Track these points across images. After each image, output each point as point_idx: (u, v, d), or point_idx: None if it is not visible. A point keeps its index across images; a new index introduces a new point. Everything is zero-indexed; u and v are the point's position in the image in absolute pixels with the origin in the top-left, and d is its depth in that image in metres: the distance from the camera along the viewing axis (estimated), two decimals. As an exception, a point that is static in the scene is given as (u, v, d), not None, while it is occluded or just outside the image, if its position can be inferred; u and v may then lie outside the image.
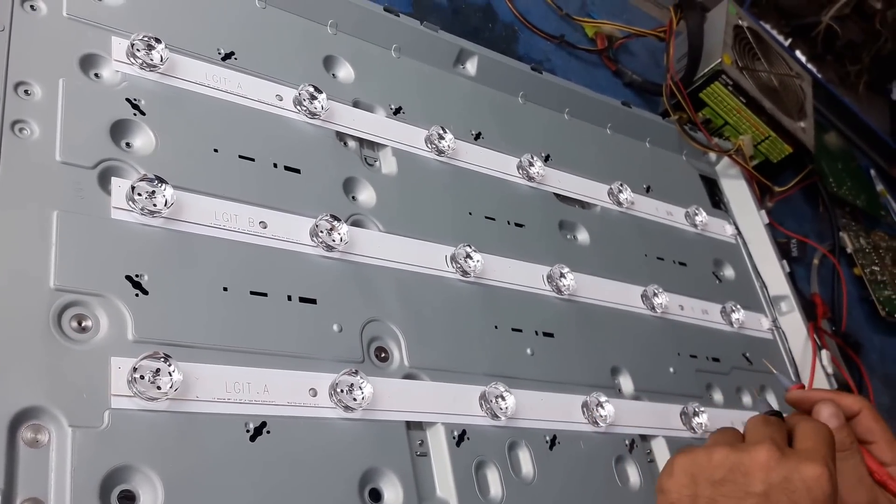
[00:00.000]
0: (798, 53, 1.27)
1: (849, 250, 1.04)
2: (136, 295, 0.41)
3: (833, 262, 0.99)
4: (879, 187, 1.23)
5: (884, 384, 0.99)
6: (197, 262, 0.44)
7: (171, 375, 0.39)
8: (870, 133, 1.25)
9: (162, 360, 0.39)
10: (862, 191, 1.14)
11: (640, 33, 0.91)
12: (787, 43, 1.26)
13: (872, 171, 1.25)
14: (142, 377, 0.39)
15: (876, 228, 1.14)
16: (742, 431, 0.44)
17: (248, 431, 0.41)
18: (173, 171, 0.46)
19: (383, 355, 0.49)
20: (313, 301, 0.48)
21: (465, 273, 0.57)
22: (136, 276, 0.42)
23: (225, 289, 0.44)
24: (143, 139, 0.46)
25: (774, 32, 1.25)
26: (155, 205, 0.43)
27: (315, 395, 0.45)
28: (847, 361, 0.92)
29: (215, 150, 0.49)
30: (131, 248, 0.42)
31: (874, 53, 1.35)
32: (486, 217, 0.62)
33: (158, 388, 0.39)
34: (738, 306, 0.76)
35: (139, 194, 0.43)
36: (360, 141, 0.58)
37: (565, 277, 0.63)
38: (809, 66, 1.26)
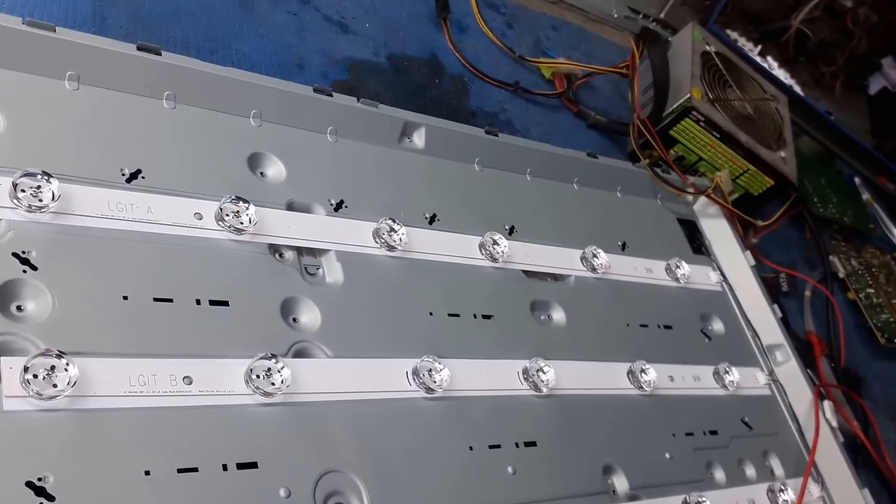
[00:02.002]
0: (769, 59, 1.24)
1: (841, 275, 1.01)
2: (40, 504, 0.36)
3: (826, 293, 0.95)
4: (866, 196, 1.20)
5: (890, 418, 0.95)
6: (112, 446, 0.39)
7: None
8: (852, 143, 1.22)
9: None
10: (848, 205, 1.11)
11: (601, 71, 0.86)
12: (756, 50, 1.23)
13: (857, 180, 1.22)
14: None
15: (867, 245, 1.11)
16: None
17: None
18: (76, 335, 0.40)
19: (342, 514, 0.44)
20: (254, 465, 0.42)
21: (430, 390, 0.52)
22: (39, 479, 0.36)
23: (147, 472, 0.39)
24: (37, 300, 0.41)
25: (743, 40, 1.22)
26: (55, 385, 0.38)
27: (263, 585, 0.40)
28: (851, 400, 0.89)
29: (125, 298, 0.43)
30: (30, 444, 0.37)
31: (848, 53, 1.33)
32: (450, 314, 0.57)
33: None
34: (732, 367, 0.72)
35: (34, 375, 0.38)
36: (299, 249, 0.53)
37: (544, 372, 0.58)
38: (781, 70, 1.23)
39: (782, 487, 0.68)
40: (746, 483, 0.67)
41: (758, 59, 1.18)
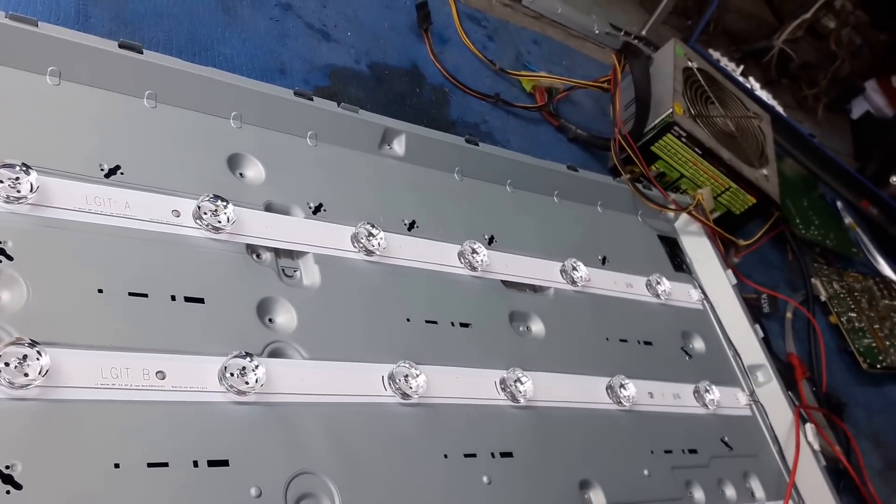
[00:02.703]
0: (751, 80, 1.26)
1: (822, 298, 1.03)
2: (8, 492, 0.36)
3: (808, 315, 0.97)
4: (848, 220, 1.23)
5: (873, 444, 0.97)
6: (82, 438, 0.39)
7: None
8: (834, 164, 1.24)
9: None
10: (831, 228, 1.13)
11: (582, 85, 0.88)
12: (738, 70, 1.26)
13: (839, 203, 1.25)
14: None
15: (849, 269, 1.13)
16: None
17: None
18: (50, 326, 0.41)
19: (314, 516, 0.45)
20: (224, 463, 0.43)
21: (406, 395, 0.53)
22: (7, 467, 0.37)
23: (116, 465, 0.40)
24: (11, 290, 0.41)
25: (725, 60, 1.24)
26: (27, 374, 0.38)
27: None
28: (833, 425, 0.90)
29: (99, 291, 0.44)
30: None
31: (831, 75, 1.36)
32: (427, 321, 0.58)
33: None
34: (712, 386, 0.73)
35: (6, 364, 0.38)
36: (276, 251, 0.54)
37: (521, 382, 0.59)
38: (764, 91, 1.26)
39: (762, 509, 0.69)
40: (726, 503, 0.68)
41: (740, 79, 1.21)
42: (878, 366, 1.02)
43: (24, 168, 0.44)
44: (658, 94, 0.84)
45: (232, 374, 0.45)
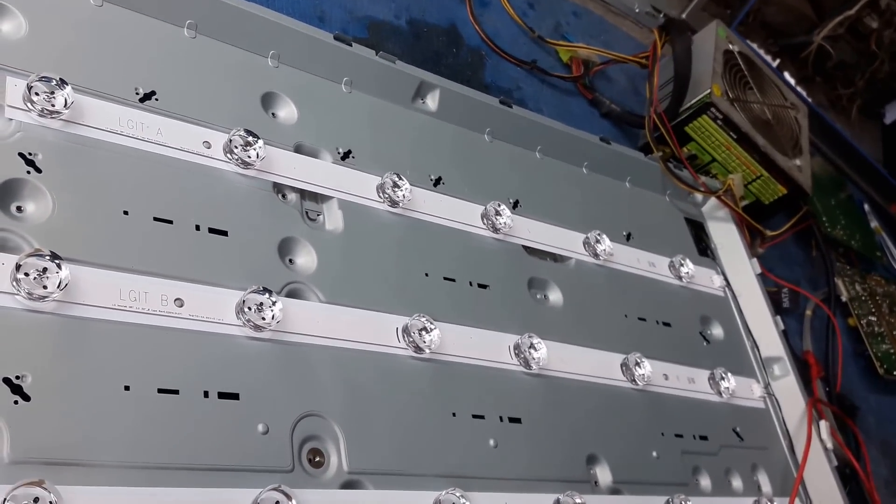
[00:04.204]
0: (786, 75, 1.25)
1: (844, 299, 1.02)
2: (16, 402, 0.36)
3: (827, 314, 0.96)
4: (874, 223, 1.21)
5: (881, 452, 0.96)
6: (95, 357, 0.39)
7: (53, 504, 0.34)
8: (865, 165, 1.23)
9: (41, 487, 0.34)
10: (856, 229, 1.12)
11: (621, 59, 0.87)
12: (775, 64, 1.24)
13: (866, 206, 1.23)
14: (19, 508, 0.34)
15: (872, 272, 1.12)
16: None
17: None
18: (72, 242, 0.41)
19: (318, 459, 0.45)
20: (235, 396, 0.43)
21: (419, 349, 0.52)
22: (17, 377, 0.37)
23: (127, 388, 0.39)
24: (37, 202, 0.41)
25: (762, 52, 1.23)
26: (45, 287, 0.38)
27: (230, 520, 0.40)
28: (843, 427, 0.89)
29: (125, 213, 0.44)
30: (12, 341, 0.37)
31: (869, 76, 1.34)
32: (445, 278, 0.58)
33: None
34: (728, 373, 0.73)
35: (26, 273, 0.38)
36: (302, 192, 0.54)
37: (535, 349, 0.59)
38: (798, 88, 1.25)
39: (769, 504, 0.69)
40: (732, 494, 0.67)
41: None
42: (895, 372, 1.01)
43: (60, 83, 0.43)
44: (697, 73, 0.83)
45: (250, 309, 0.45)
